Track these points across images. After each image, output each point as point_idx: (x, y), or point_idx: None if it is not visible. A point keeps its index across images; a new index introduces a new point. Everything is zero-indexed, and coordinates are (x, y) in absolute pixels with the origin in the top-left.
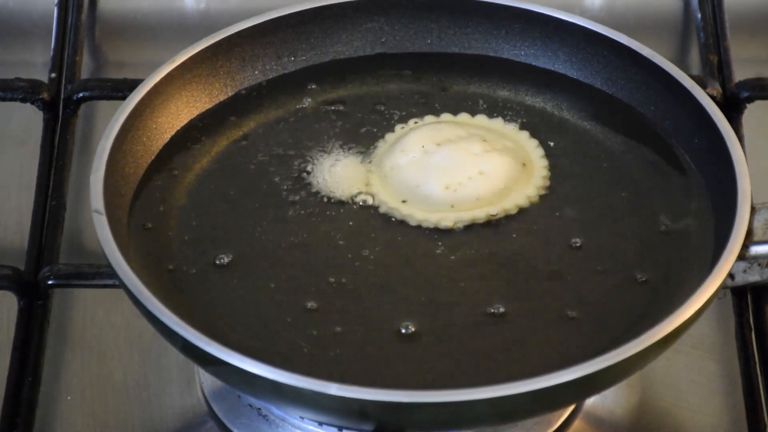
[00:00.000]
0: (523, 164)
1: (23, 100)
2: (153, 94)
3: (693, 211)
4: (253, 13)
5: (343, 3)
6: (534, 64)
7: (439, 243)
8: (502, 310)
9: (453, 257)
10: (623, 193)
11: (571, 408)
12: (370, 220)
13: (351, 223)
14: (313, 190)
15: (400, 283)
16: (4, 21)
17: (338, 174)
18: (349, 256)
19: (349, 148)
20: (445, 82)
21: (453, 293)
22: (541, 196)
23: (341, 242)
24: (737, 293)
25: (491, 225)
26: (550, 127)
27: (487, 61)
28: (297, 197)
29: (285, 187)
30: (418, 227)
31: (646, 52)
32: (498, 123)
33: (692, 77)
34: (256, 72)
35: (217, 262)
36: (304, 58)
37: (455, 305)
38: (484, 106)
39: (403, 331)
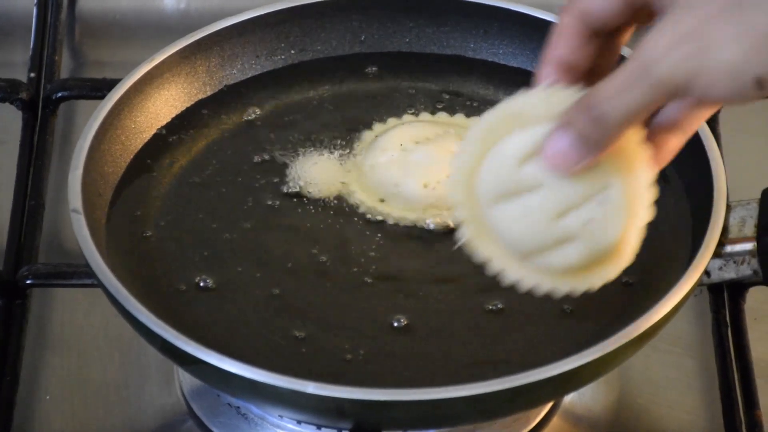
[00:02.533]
0: None
1: (2, 100)
2: (132, 93)
3: (670, 209)
4: (233, 12)
5: (322, 2)
6: (512, 63)
7: (419, 242)
8: (500, 306)
9: (433, 256)
10: None
11: (549, 405)
12: (349, 220)
13: (329, 222)
14: (292, 189)
15: (382, 282)
16: None
17: (317, 173)
18: (327, 256)
19: (328, 147)
20: (424, 81)
21: (440, 292)
22: None
23: (319, 242)
24: (713, 290)
25: None
26: None
27: (465, 60)
28: (275, 197)
29: (264, 187)
30: (396, 225)
31: (624, 52)
32: (476, 122)
33: None
34: (235, 71)
35: (196, 265)
36: (283, 57)
37: (442, 303)
38: (463, 105)
39: (395, 324)
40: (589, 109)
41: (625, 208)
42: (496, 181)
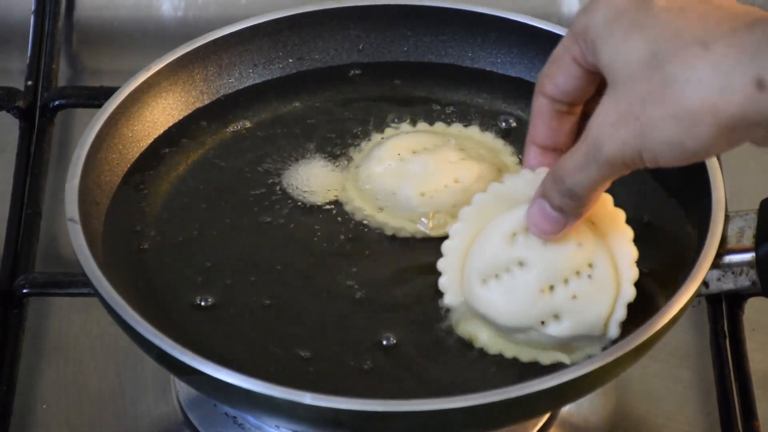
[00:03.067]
0: (499, 171)
1: None
2: (129, 101)
3: (669, 219)
4: (231, 21)
5: (320, 11)
6: (510, 72)
7: (417, 251)
8: None
9: (432, 265)
10: None
11: (546, 416)
12: (347, 229)
13: (327, 232)
14: (290, 199)
15: (379, 293)
16: None
17: (315, 183)
18: (326, 266)
19: (326, 157)
20: (421, 90)
21: (435, 303)
22: None
23: (316, 252)
24: (712, 301)
25: None
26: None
27: (463, 69)
28: (273, 206)
29: (261, 197)
30: (394, 236)
31: None
32: (474, 131)
33: None
34: (233, 80)
35: (193, 275)
36: (280, 66)
37: (438, 314)
38: (461, 114)
39: (385, 342)
40: (558, 182)
41: (610, 285)
42: (486, 258)
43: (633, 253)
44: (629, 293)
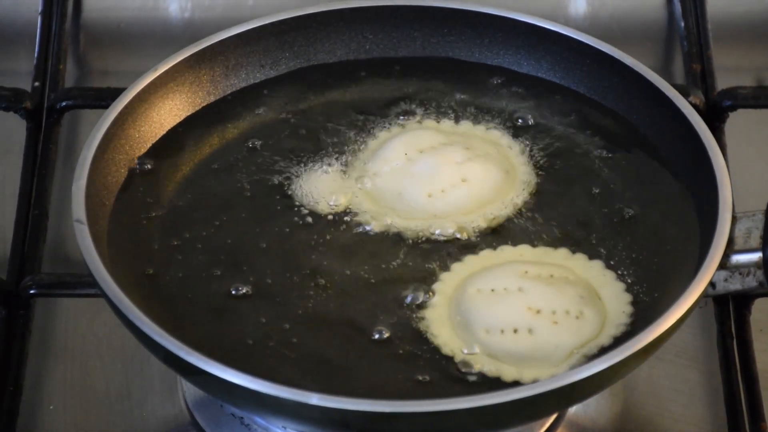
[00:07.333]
0: (506, 171)
1: (6, 109)
2: (135, 102)
3: (677, 219)
4: (237, 21)
5: (327, 12)
6: (518, 71)
7: (424, 251)
8: None
9: (437, 265)
10: (607, 200)
11: (553, 416)
12: (353, 229)
13: (334, 232)
14: (296, 200)
15: (386, 291)
16: None
17: (320, 183)
18: (332, 265)
19: (332, 156)
20: (428, 89)
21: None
22: (524, 204)
23: (323, 252)
24: (719, 302)
25: (474, 232)
26: (534, 134)
27: (470, 67)
28: (278, 206)
29: (266, 198)
30: (399, 235)
31: (628, 61)
32: (481, 129)
33: (675, 86)
34: (239, 80)
35: (201, 277)
36: (287, 66)
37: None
38: (467, 112)
39: (376, 336)
40: None
41: (591, 329)
42: (490, 277)
43: (624, 320)
44: (605, 342)
